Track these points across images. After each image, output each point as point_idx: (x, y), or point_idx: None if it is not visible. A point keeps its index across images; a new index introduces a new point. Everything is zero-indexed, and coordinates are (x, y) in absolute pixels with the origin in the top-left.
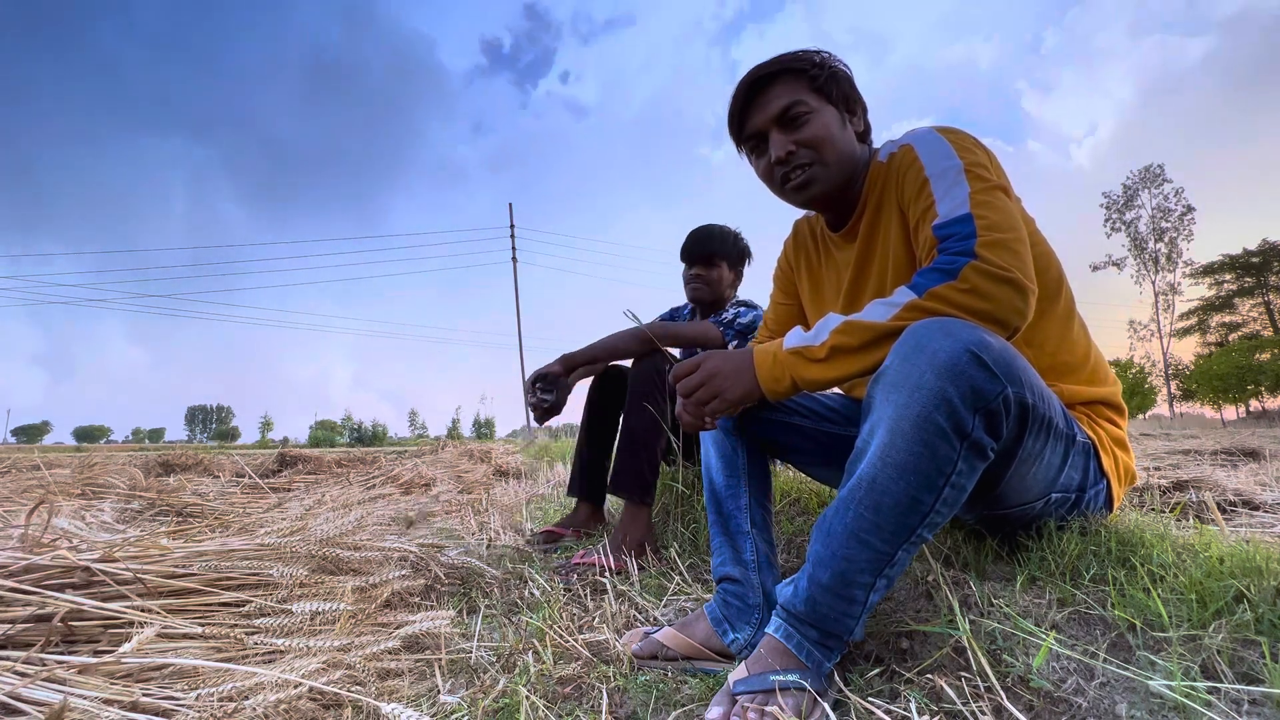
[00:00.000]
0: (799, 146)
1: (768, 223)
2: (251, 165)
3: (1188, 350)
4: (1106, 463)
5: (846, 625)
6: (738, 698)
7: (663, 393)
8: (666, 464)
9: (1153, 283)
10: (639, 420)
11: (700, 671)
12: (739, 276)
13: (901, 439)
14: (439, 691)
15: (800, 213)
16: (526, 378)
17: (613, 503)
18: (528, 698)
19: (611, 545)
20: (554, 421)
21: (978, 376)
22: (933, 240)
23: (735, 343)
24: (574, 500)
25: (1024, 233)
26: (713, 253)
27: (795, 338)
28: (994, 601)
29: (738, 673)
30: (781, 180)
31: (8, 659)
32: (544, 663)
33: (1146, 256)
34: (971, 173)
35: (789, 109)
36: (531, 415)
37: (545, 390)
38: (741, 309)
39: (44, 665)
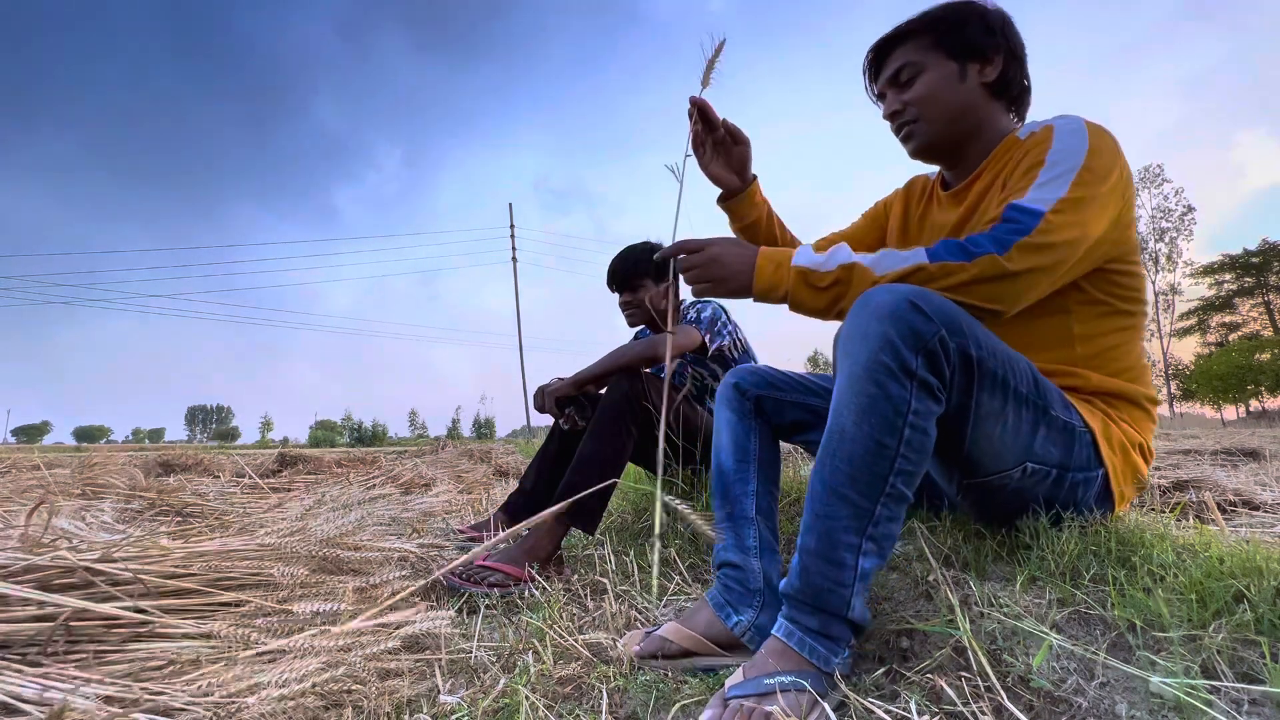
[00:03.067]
0: (905, 105)
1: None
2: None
3: (1188, 350)
4: (1108, 456)
5: (841, 596)
6: (730, 700)
7: (633, 419)
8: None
9: (1152, 283)
10: (601, 446)
11: (703, 670)
12: (674, 286)
13: (857, 383)
14: (439, 691)
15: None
16: (546, 398)
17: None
18: (528, 698)
19: (515, 551)
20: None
21: (914, 319)
22: (998, 216)
23: (706, 336)
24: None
25: (1081, 238)
26: (629, 276)
27: (806, 257)
28: (994, 601)
29: (734, 677)
30: (896, 134)
31: (8, 659)
32: (544, 663)
33: (1146, 256)
34: (1080, 177)
35: (899, 72)
36: (533, 413)
37: (579, 414)
38: (699, 304)
39: (44, 666)
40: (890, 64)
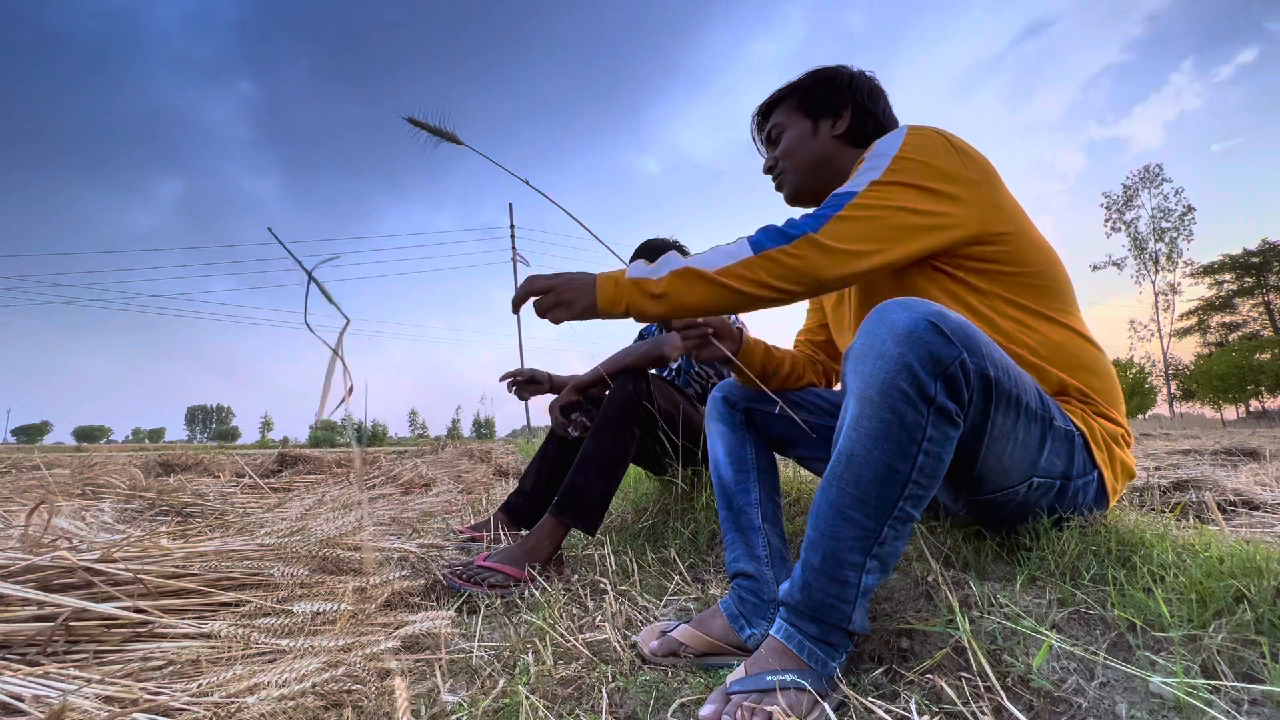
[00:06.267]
0: (776, 160)
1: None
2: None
3: (1188, 350)
4: (1099, 456)
5: (843, 611)
6: (732, 696)
7: (636, 420)
8: (663, 468)
9: (1153, 283)
10: (603, 447)
11: (716, 667)
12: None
13: (870, 407)
14: (439, 691)
15: None
16: (549, 410)
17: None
18: (528, 698)
19: (515, 552)
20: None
21: (934, 342)
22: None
23: None
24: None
25: (895, 212)
26: None
27: (638, 269)
28: (994, 601)
29: (735, 674)
30: (774, 185)
31: (8, 659)
32: (544, 663)
33: (1146, 256)
34: (895, 164)
35: (770, 132)
36: (533, 413)
37: (587, 418)
38: None
39: (44, 665)
40: (765, 127)
